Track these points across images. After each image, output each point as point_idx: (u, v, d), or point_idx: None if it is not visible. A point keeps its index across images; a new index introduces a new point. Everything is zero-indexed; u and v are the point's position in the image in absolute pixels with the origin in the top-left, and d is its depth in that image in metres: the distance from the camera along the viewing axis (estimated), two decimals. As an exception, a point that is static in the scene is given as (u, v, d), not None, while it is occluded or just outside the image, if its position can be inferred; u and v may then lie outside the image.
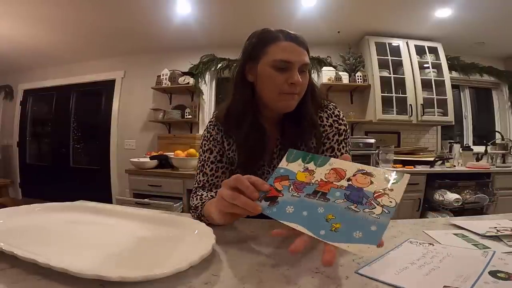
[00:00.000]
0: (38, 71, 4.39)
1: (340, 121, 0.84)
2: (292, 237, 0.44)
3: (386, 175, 0.48)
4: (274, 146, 0.84)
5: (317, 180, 0.52)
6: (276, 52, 0.72)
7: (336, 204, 0.46)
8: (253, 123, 0.79)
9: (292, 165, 0.56)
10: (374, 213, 0.43)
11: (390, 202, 0.44)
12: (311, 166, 0.55)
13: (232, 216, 0.56)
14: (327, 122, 0.83)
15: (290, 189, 0.51)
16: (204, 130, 0.89)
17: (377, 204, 0.44)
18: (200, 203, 0.74)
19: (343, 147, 0.83)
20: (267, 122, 0.83)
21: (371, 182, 0.48)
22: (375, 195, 0.46)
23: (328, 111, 0.84)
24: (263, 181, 0.53)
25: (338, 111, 0.85)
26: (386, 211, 0.43)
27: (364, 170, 0.50)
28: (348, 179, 0.50)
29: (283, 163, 0.57)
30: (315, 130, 0.80)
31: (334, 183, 0.50)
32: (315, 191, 0.50)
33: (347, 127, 0.86)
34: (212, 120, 0.88)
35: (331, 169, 0.52)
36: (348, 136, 0.86)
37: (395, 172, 0.48)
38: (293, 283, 0.42)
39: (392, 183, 0.47)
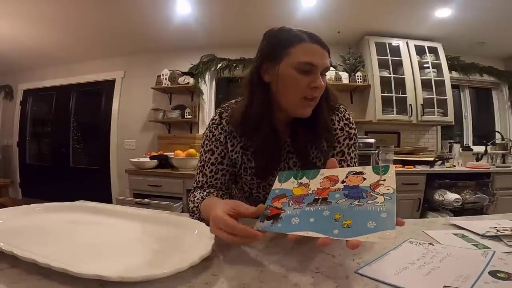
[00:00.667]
0: (38, 71, 4.39)
1: (351, 124, 0.83)
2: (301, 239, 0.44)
3: (374, 170, 0.51)
4: (282, 148, 0.83)
5: (313, 190, 0.53)
6: (300, 54, 0.69)
7: (339, 204, 0.47)
8: (270, 125, 0.76)
9: (285, 184, 0.58)
10: (378, 202, 0.45)
11: (388, 189, 0.46)
12: (304, 180, 0.57)
13: None
14: (338, 125, 0.82)
15: (290, 203, 0.53)
16: (206, 129, 0.86)
17: (377, 194, 0.46)
18: (195, 207, 0.73)
19: (352, 151, 0.83)
20: (280, 123, 0.80)
21: (364, 179, 0.50)
22: (371, 187, 0.48)
23: (339, 114, 0.83)
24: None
25: (349, 114, 0.84)
26: (388, 198, 0.45)
27: (354, 171, 0.53)
28: (343, 181, 0.52)
29: (277, 185, 0.59)
30: (328, 133, 0.79)
31: (330, 188, 0.52)
32: (315, 199, 0.51)
33: (356, 130, 0.85)
34: (215, 118, 0.84)
35: (324, 177, 0.55)
36: (357, 140, 0.85)
37: (380, 166, 0.51)
38: (293, 283, 0.42)
39: (382, 175, 0.50)
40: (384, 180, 0.48)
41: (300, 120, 0.77)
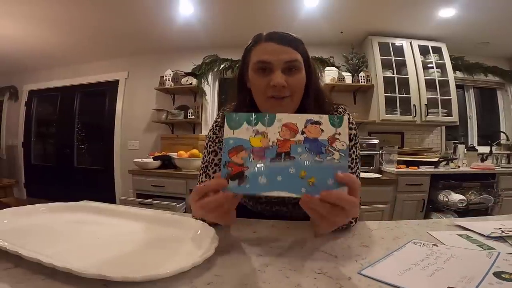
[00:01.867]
0: (43, 72, 4.43)
1: (350, 125, 0.81)
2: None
3: (331, 120, 0.51)
4: None
5: (273, 141, 0.50)
6: (256, 55, 0.71)
7: (302, 160, 0.48)
8: None
9: (239, 132, 0.52)
10: (335, 159, 0.48)
11: (342, 145, 0.49)
12: (260, 128, 0.52)
13: (222, 214, 0.51)
14: None
15: (252, 159, 0.50)
16: (210, 130, 0.87)
17: (334, 150, 0.49)
18: None
19: (353, 152, 0.81)
20: None
21: (322, 131, 0.50)
22: (329, 141, 0.49)
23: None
24: (216, 182, 0.49)
25: (349, 114, 0.82)
26: (342, 154, 0.48)
27: (312, 119, 0.51)
28: (302, 132, 0.50)
29: (228, 132, 0.52)
30: None
31: (291, 139, 0.50)
32: (278, 153, 0.49)
33: (356, 130, 0.84)
34: (218, 120, 0.86)
35: (282, 125, 0.51)
36: (358, 140, 0.84)
37: (335, 116, 0.51)
38: (295, 283, 0.42)
39: (338, 127, 0.50)
40: (339, 134, 0.50)
41: None
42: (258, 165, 0.49)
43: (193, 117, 3.48)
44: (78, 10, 2.75)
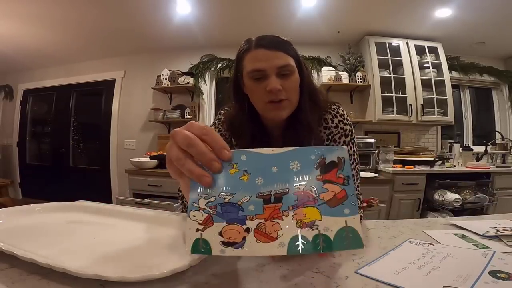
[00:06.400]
0: (38, 71, 4.39)
1: (345, 121, 0.81)
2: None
3: None
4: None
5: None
6: (249, 63, 0.71)
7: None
8: (255, 131, 0.78)
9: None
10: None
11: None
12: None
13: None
14: (332, 123, 0.80)
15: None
16: (211, 125, 0.87)
17: None
18: (178, 192, 0.74)
19: (350, 147, 0.80)
20: (273, 128, 0.81)
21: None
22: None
23: (332, 112, 0.81)
24: (223, 143, 0.38)
25: (342, 110, 0.82)
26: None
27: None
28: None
29: None
30: (313, 135, 0.77)
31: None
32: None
33: (352, 126, 0.83)
34: (220, 118, 0.86)
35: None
36: (354, 136, 0.83)
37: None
38: (292, 283, 0.42)
39: None
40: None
41: (288, 124, 0.78)
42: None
43: (190, 116, 3.47)
44: (74, 8, 2.73)
